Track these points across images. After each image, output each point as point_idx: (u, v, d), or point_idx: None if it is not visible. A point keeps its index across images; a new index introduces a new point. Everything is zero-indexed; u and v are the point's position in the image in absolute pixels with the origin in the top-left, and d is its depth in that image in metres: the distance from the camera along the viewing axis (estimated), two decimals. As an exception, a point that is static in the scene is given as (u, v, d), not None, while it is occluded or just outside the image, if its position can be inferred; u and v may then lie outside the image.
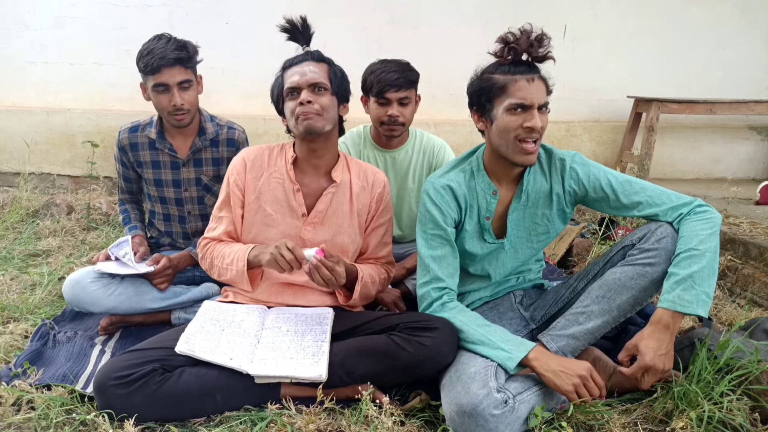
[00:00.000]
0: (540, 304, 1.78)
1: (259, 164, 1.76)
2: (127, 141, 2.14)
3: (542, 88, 1.54)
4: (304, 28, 1.72)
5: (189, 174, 2.16)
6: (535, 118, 1.51)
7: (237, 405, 1.51)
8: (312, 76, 1.64)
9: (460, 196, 1.66)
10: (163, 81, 1.94)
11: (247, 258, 1.65)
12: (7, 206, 3.46)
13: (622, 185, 1.60)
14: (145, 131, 2.13)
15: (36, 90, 4.03)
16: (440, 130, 3.91)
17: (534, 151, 1.55)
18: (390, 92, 2.10)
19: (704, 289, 1.40)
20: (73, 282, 1.93)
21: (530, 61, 1.54)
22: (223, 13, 3.89)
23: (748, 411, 1.39)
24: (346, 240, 1.76)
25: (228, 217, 1.76)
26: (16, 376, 1.66)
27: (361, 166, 1.82)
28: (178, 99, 1.96)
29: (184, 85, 1.98)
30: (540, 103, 1.53)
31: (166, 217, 2.24)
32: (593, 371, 1.43)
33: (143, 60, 1.94)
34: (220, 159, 2.16)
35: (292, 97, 1.66)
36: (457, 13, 3.91)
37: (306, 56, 1.69)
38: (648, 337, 1.42)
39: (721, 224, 1.50)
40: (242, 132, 2.21)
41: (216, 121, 2.18)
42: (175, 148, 2.13)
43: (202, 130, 2.13)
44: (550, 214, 1.69)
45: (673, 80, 4.05)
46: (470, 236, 1.70)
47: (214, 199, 2.14)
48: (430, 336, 1.51)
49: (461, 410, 1.34)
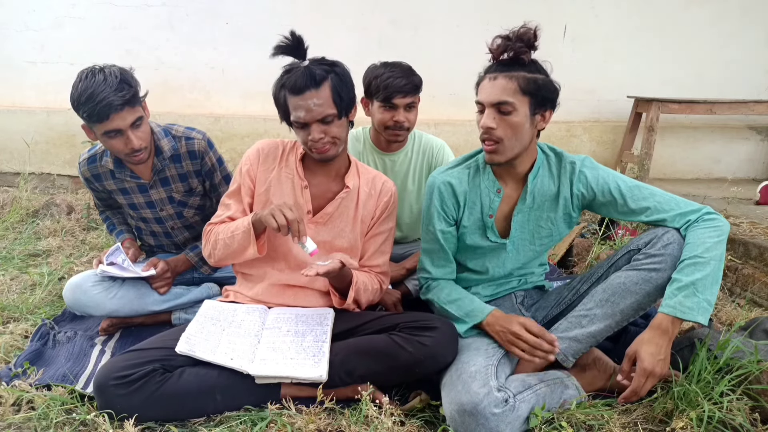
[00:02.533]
0: (542, 305, 1.78)
1: (272, 158, 1.76)
2: (88, 173, 2.02)
3: (504, 85, 1.48)
4: (298, 43, 1.60)
5: (159, 195, 2.05)
6: (484, 118, 1.52)
7: (237, 405, 1.51)
8: (318, 111, 1.57)
9: (460, 193, 1.68)
10: (115, 127, 1.76)
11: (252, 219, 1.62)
12: (7, 206, 3.45)
13: (630, 190, 1.59)
14: (102, 161, 1.99)
15: (36, 90, 4.03)
16: (440, 130, 3.91)
17: (491, 150, 1.54)
18: (397, 98, 2.08)
19: (706, 297, 1.39)
20: (74, 285, 1.92)
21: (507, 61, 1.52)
22: (223, 13, 3.89)
23: (748, 411, 1.39)
24: (345, 244, 1.76)
25: (236, 205, 1.76)
26: (16, 376, 1.66)
27: (370, 173, 1.82)
28: (135, 142, 1.80)
29: (136, 124, 1.80)
30: (493, 102, 1.49)
31: (152, 233, 2.19)
32: (527, 325, 1.53)
33: (84, 108, 1.72)
34: (187, 173, 2.04)
35: (300, 128, 1.62)
36: (457, 13, 3.92)
37: (307, 81, 1.56)
38: (647, 342, 1.41)
39: (728, 233, 1.49)
40: (201, 139, 2.03)
41: (171, 134, 2.01)
42: (137, 173, 2.00)
43: (158, 149, 1.97)
44: (555, 217, 1.68)
45: (673, 80, 4.06)
46: (471, 232, 1.71)
47: (193, 212, 2.12)
48: (431, 335, 1.51)
49: (462, 409, 1.34)
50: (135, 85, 1.81)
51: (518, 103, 1.49)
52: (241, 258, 1.69)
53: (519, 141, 1.54)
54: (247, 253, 1.66)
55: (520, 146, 1.55)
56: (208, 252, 1.75)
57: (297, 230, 1.53)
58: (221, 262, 1.75)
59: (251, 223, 1.62)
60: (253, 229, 1.62)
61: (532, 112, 1.52)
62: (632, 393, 1.42)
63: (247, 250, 1.65)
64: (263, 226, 1.60)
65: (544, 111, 1.55)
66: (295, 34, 1.59)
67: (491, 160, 1.57)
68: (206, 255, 1.77)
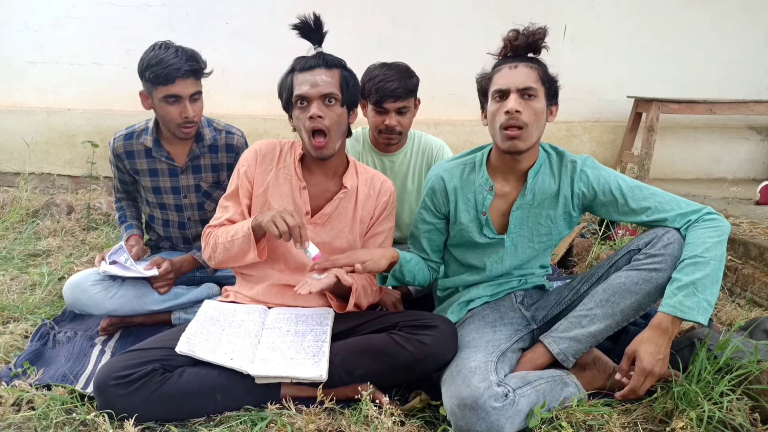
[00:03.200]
0: (542, 305, 1.79)
1: (270, 158, 1.75)
2: (122, 149, 2.09)
3: (527, 72, 1.53)
4: (316, 26, 1.64)
5: (188, 181, 2.12)
6: (510, 102, 1.52)
7: (237, 405, 1.51)
8: (324, 86, 1.58)
9: (450, 188, 1.72)
10: (176, 92, 1.89)
11: (251, 224, 1.62)
12: (7, 206, 3.45)
13: (631, 189, 1.59)
14: (140, 138, 2.07)
15: (36, 90, 4.03)
16: (440, 130, 3.91)
17: (515, 136, 1.53)
18: (388, 102, 2.06)
19: (706, 297, 1.39)
20: (74, 285, 1.91)
21: (523, 53, 1.56)
22: (223, 13, 3.90)
23: (748, 411, 1.39)
24: (344, 244, 1.76)
25: (234, 207, 1.75)
26: (16, 376, 1.66)
27: (369, 173, 1.81)
28: (191, 111, 1.93)
29: (194, 97, 1.95)
30: (519, 87, 1.52)
31: (165, 222, 2.21)
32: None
33: (152, 70, 1.85)
34: (219, 165, 2.13)
35: (302, 107, 1.61)
36: (457, 13, 3.92)
37: (319, 61, 1.60)
38: (647, 341, 1.42)
39: (729, 233, 1.49)
40: (241, 136, 2.16)
41: (213, 125, 2.13)
42: (173, 155, 2.08)
43: (199, 136, 2.08)
44: (555, 215, 1.68)
45: (673, 80, 4.06)
46: (470, 230, 1.72)
47: (214, 205, 2.12)
48: (430, 334, 1.51)
49: (462, 403, 1.35)
50: (203, 63, 1.96)
51: (540, 91, 1.54)
52: (242, 262, 1.70)
53: (538, 129, 1.57)
54: (247, 258, 1.66)
55: (538, 134, 1.58)
56: (208, 255, 1.75)
57: (299, 236, 1.53)
58: (221, 265, 1.75)
59: (251, 228, 1.61)
60: (252, 233, 1.61)
61: (547, 103, 1.58)
62: (630, 391, 1.42)
63: (248, 255, 1.65)
64: (263, 230, 1.60)
65: (553, 105, 1.61)
66: (318, 17, 1.62)
67: (514, 147, 1.55)
68: (206, 257, 1.77)
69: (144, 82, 1.93)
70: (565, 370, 1.56)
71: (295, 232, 1.52)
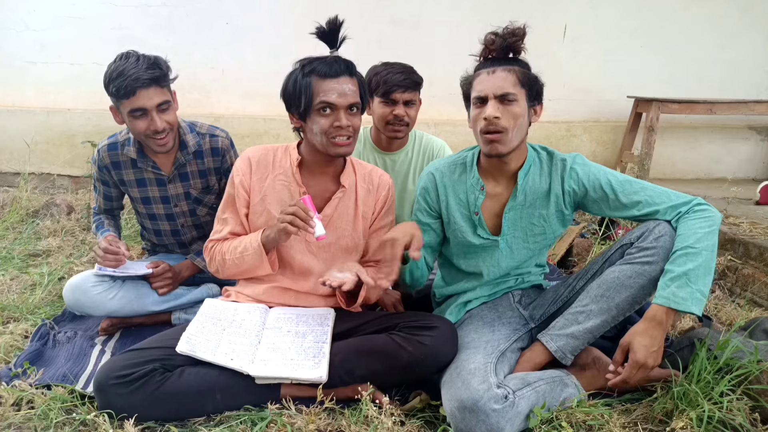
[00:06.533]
0: (539, 303, 1.79)
1: (264, 165, 1.73)
2: (108, 159, 2.02)
3: (504, 77, 1.53)
4: (333, 29, 1.63)
5: (176, 190, 2.06)
6: (488, 109, 1.52)
7: (237, 405, 1.51)
8: (351, 97, 1.58)
9: (440, 186, 1.73)
10: (140, 105, 1.79)
11: (260, 239, 1.63)
12: (7, 206, 3.46)
13: (621, 184, 1.60)
14: (124, 149, 1.99)
15: (36, 90, 4.03)
16: (440, 130, 3.91)
17: (495, 140, 1.54)
18: (396, 93, 2.12)
19: (699, 287, 1.40)
20: (74, 286, 1.91)
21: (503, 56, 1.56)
22: (223, 13, 3.90)
23: (748, 411, 1.39)
24: (349, 243, 1.76)
25: (233, 218, 1.74)
26: (16, 376, 1.66)
27: (366, 168, 1.81)
28: (159, 123, 1.82)
29: (162, 107, 1.83)
30: (497, 93, 1.52)
31: (156, 232, 2.18)
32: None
33: (114, 83, 1.77)
34: (207, 170, 2.06)
35: (325, 114, 1.58)
36: (457, 13, 3.92)
37: (342, 68, 1.59)
38: (641, 333, 1.42)
39: (720, 223, 1.50)
40: (225, 137, 2.08)
41: (197, 130, 2.05)
42: (159, 165, 2.01)
43: (183, 143, 2.00)
44: (547, 214, 1.69)
45: (673, 80, 4.06)
46: (463, 230, 1.72)
47: (206, 210, 2.12)
48: (430, 335, 1.51)
49: (462, 405, 1.35)
50: (165, 69, 1.86)
51: (519, 95, 1.54)
52: (253, 274, 1.72)
53: (520, 132, 1.58)
54: (258, 271, 1.69)
55: (520, 137, 1.59)
56: (215, 269, 1.76)
57: (305, 219, 1.53)
58: (229, 278, 1.77)
59: (261, 244, 1.62)
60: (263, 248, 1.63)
61: (529, 105, 1.58)
62: (622, 381, 1.44)
63: (259, 269, 1.68)
64: (274, 244, 1.62)
65: (536, 105, 1.62)
66: (338, 20, 1.62)
67: (494, 150, 1.57)
68: (213, 271, 1.78)
69: (110, 96, 1.85)
70: (565, 370, 1.56)
71: (301, 217, 1.53)
